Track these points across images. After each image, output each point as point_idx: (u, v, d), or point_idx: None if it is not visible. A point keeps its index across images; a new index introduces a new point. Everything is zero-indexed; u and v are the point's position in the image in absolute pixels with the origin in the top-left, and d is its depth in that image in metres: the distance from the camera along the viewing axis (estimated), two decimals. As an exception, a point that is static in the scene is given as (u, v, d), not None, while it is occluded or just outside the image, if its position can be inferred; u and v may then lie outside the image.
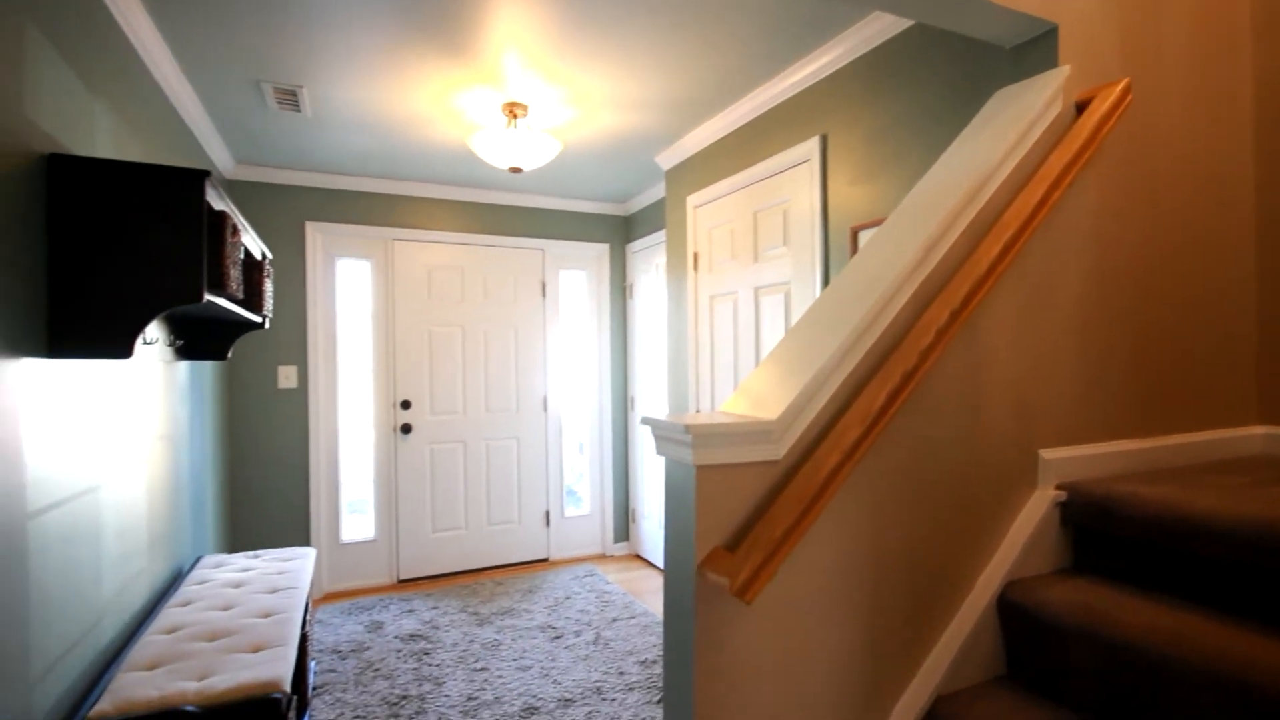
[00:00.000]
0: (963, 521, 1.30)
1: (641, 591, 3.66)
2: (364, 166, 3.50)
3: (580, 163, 3.45)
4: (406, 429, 3.85)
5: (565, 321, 4.35)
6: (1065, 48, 1.42)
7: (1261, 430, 1.72)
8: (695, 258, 3.12)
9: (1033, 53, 1.48)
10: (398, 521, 3.84)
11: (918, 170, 1.93)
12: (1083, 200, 1.44)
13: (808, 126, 2.39)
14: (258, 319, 2.12)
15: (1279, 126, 1.69)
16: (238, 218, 1.74)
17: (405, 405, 3.85)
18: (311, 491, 3.63)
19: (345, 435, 3.79)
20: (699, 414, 1.15)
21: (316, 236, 3.65)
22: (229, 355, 2.36)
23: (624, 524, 4.44)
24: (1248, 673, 0.94)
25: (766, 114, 2.61)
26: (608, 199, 4.27)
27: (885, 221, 1.38)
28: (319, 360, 3.65)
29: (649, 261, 4.13)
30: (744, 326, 2.76)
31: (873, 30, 2.04)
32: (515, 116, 2.64)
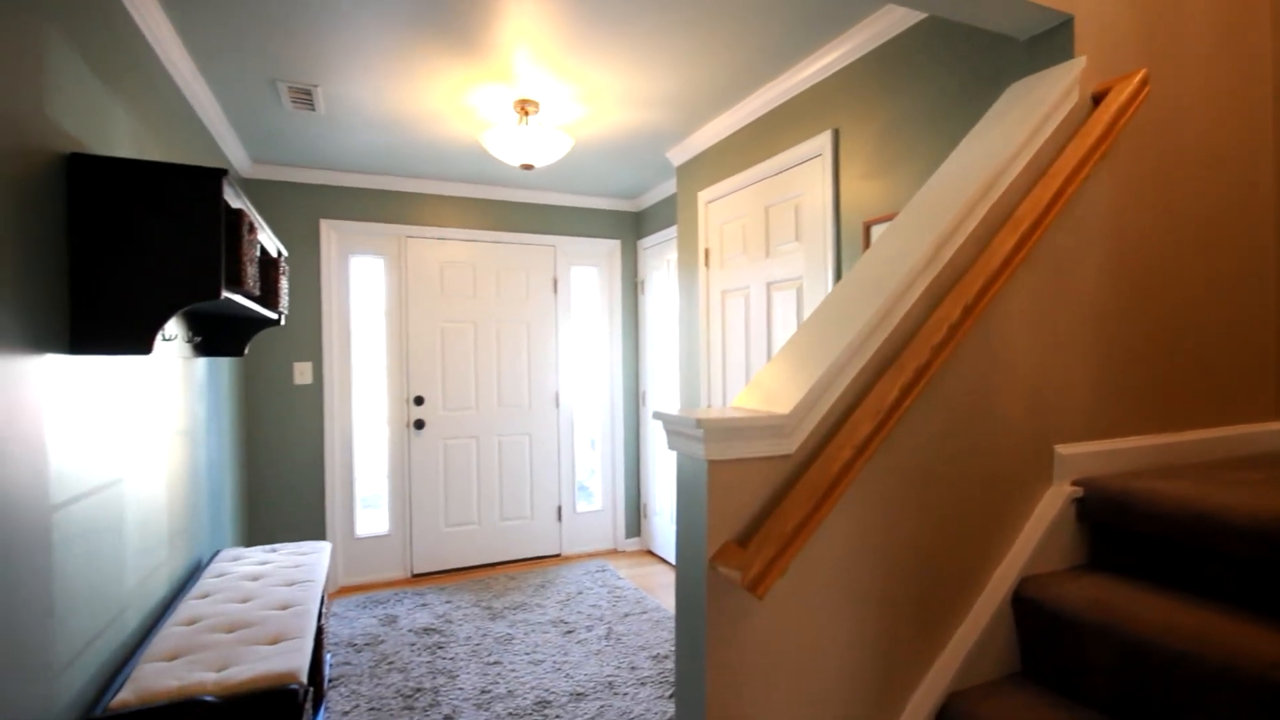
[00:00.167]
0: (976, 517, 1.29)
1: (653, 587, 3.67)
2: (377, 164, 3.53)
3: (591, 159, 3.45)
4: (420, 424, 3.88)
5: (577, 318, 4.36)
6: (1081, 38, 1.40)
7: (1283, 426, 1.70)
8: (707, 253, 3.12)
9: (1048, 44, 1.47)
10: (411, 516, 3.87)
11: (931, 164, 1.92)
12: (1099, 193, 1.42)
13: (819, 121, 2.37)
14: (274, 316, 2.15)
15: (1302, 117, 1.66)
16: (254, 216, 1.76)
17: (418, 401, 3.88)
18: (326, 486, 3.67)
19: (359, 431, 3.83)
20: (711, 409, 1.15)
21: (331, 234, 3.68)
22: (246, 351, 2.39)
23: (636, 519, 4.45)
24: (1269, 671, 0.93)
25: (778, 109, 2.59)
26: (619, 195, 4.27)
27: (898, 216, 1.37)
28: (333, 356, 3.69)
29: (660, 257, 4.12)
30: (756, 322, 2.75)
31: (885, 24, 2.03)
32: (527, 113, 2.64)
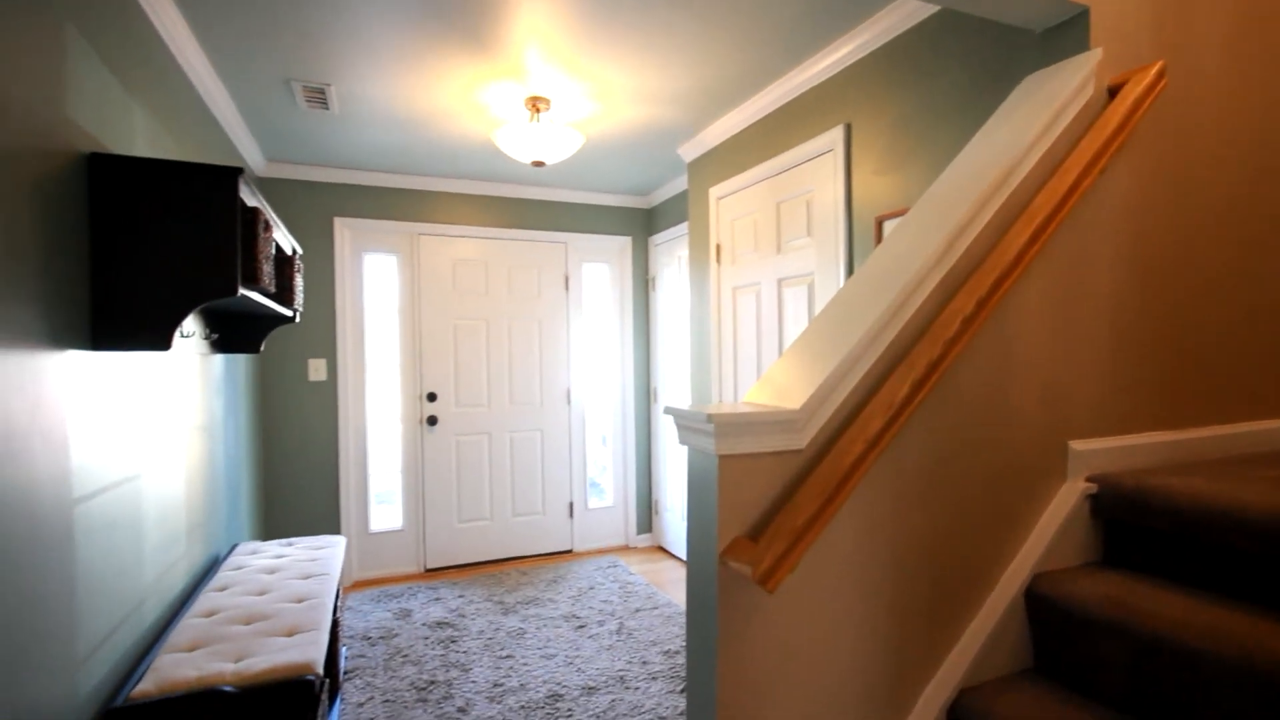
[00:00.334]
0: (989, 513, 1.29)
1: (664, 583, 3.68)
2: (390, 162, 3.55)
3: (602, 156, 3.46)
4: (433, 421, 3.91)
5: (588, 314, 4.37)
6: (1097, 30, 1.39)
7: (1304, 423, 1.67)
8: (718, 250, 3.11)
9: (1063, 36, 1.45)
10: (424, 512, 3.91)
11: (944, 159, 1.90)
12: (1115, 187, 1.40)
13: (831, 116, 2.36)
14: (289, 313, 2.17)
15: (1325, 108, 1.63)
16: (269, 214, 1.78)
17: (431, 398, 3.91)
18: (341, 482, 3.71)
19: (373, 427, 3.86)
20: (722, 404, 1.15)
21: (344, 232, 3.72)
22: (262, 348, 2.42)
23: (647, 516, 4.46)
24: (1285, 668, 0.92)
25: (789, 104, 2.58)
26: (630, 192, 4.27)
27: (910, 210, 1.36)
28: (347, 353, 3.72)
29: (671, 254, 4.12)
30: (767, 318, 2.75)
31: (897, 17, 2.01)
32: (538, 110, 2.65)
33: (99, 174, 1.37)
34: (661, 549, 4.35)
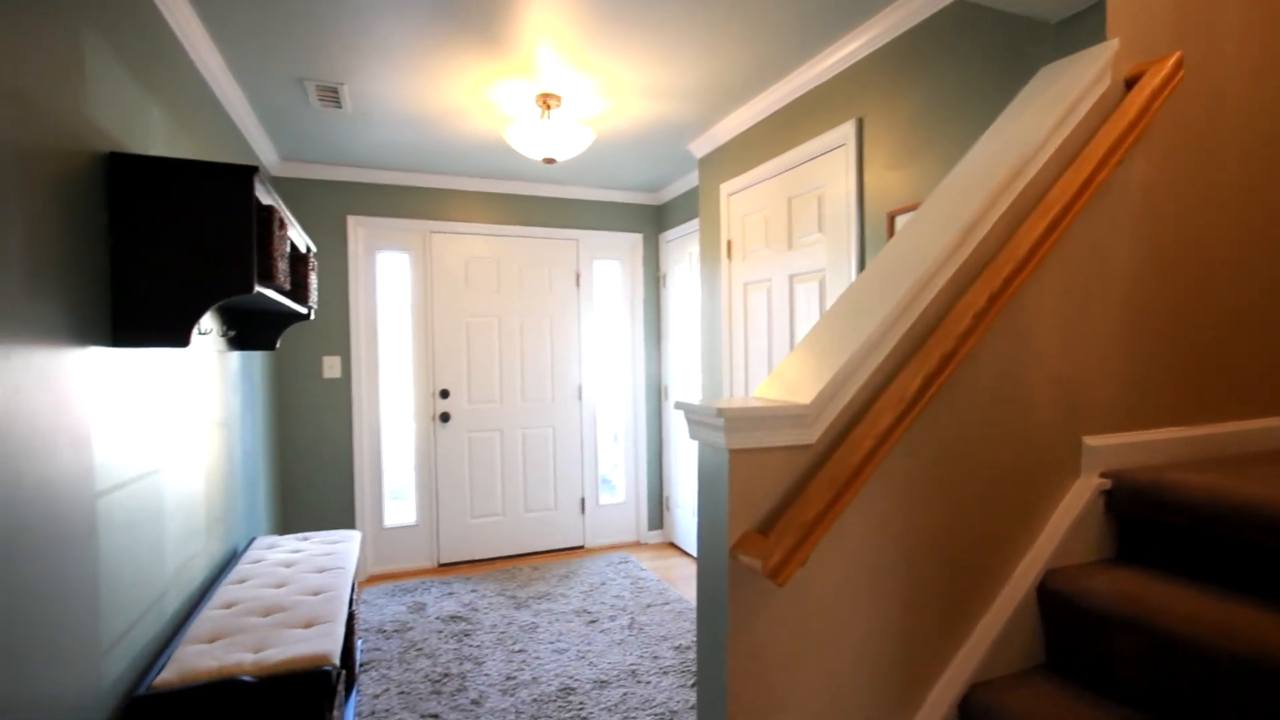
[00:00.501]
0: (1001, 508, 1.28)
1: (676, 579, 3.69)
2: (402, 161, 3.58)
3: (613, 152, 3.46)
4: (445, 418, 3.94)
5: (599, 311, 4.38)
6: (1113, 21, 1.37)
7: (1325, 418, 1.65)
8: (729, 246, 3.11)
9: (1079, 27, 1.43)
10: (438, 507, 3.94)
11: (957, 152, 1.89)
12: (1132, 180, 1.39)
13: (843, 110, 2.35)
14: (304, 310, 2.20)
15: (1349, 97, 1.60)
16: (284, 212, 1.81)
17: (444, 394, 3.94)
18: (355, 477, 3.75)
19: (387, 423, 3.90)
20: (732, 399, 1.16)
21: (358, 230, 3.75)
22: (277, 345, 2.46)
23: (658, 512, 4.47)
24: (1302, 665, 0.91)
25: (801, 99, 2.57)
26: (641, 188, 4.27)
27: (922, 204, 1.36)
28: (361, 350, 3.76)
29: (682, 250, 4.12)
30: (778, 314, 2.74)
31: (910, 10, 1.99)
32: (549, 107, 2.66)
33: (118, 173, 1.40)
34: (673, 545, 4.35)
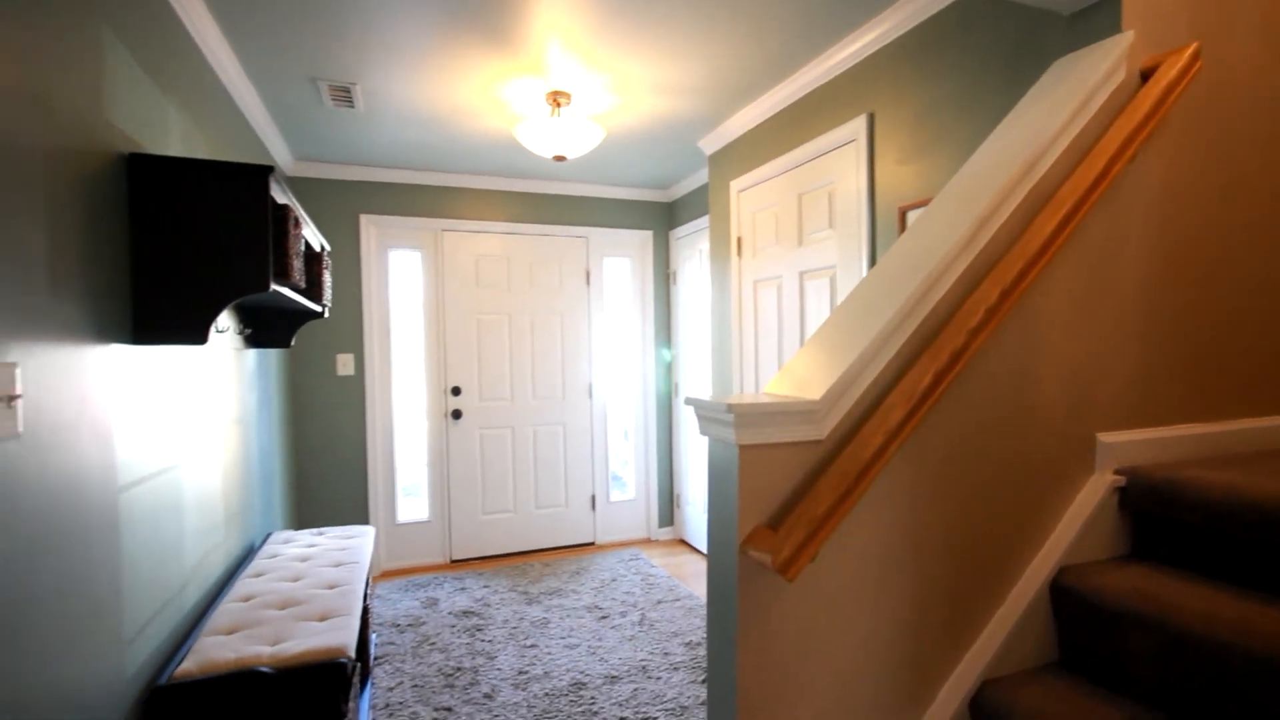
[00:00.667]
0: (1013, 504, 1.28)
1: (686, 575, 3.70)
2: (414, 160, 3.60)
3: (623, 149, 3.46)
4: (457, 415, 3.97)
5: (609, 309, 4.39)
6: (1128, 12, 1.35)
7: (1346, 414, 1.62)
8: (739, 243, 3.10)
9: (1093, 19, 1.42)
10: (450, 504, 3.97)
11: (969, 147, 1.87)
12: (1147, 173, 1.37)
13: (854, 105, 2.34)
14: (318, 308, 2.22)
15: (1371, 88, 1.57)
16: (299, 211, 1.83)
17: (456, 392, 3.97)
18: (369, 474, 3.79)
19: (399, 420, 3.94)
20: (742, 394, 1.16)
21: (370, 228, 3.78)
22: (292, 343, 2.49)
23: (668, 509, 4.48)
24: (1319, 662, 0.90)
25: (811, 94, 2.56)
26: (651, 185, 4.28)
27: (934, 200, 1.35)
28: (374, 348, 3.79)
29: (692, 247, 4.12)
30: (788, 311, 2.74)
31: (921, 3, 1.98)
32: (559, 105, 2.67)
33: (137, 174, 1.42)
34: (683, 542, 4.36)
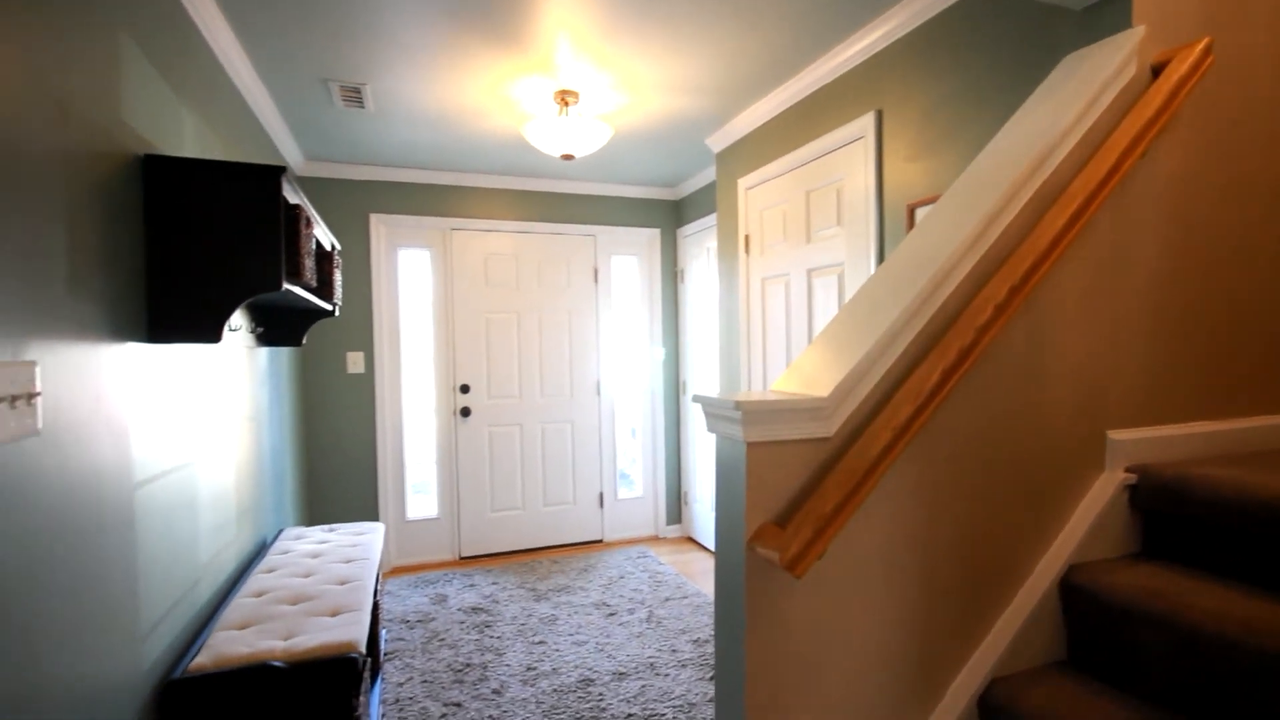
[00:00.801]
0: (1022, 502, 1.27)
1: (694, 573, 3.70)
2: (423, 159, 3.62)
3: (631, 148, 3.47)
4: (466, 412, 3.99)
5: (617, 307, 4.40)
6: (1139, 7, 1.34)
7: (1361, 412, 1.61)
8: (746, 240, 3.10)
9: (1104, 14, 1.41)
10: (459, 501, 3.99)
11: (979, 143, 1.87)
12: (1158, 169, 1.36)
13: (862, 102, 2.33)
14: (329, 307, 2.24)
15: (1388, 82, 1.55)
16: (310, 211, 1.85)
17: (464, 389, 3.99)
18: (379, 471, 3.82)
19: (409, 418, 3.96)
20: (750, 392, 1.16)
21: (380, 228, 3.81)
22: (304, 342, 2.51)
23: (676, 507, 4.48)
24: (1331, 661, 0.89)
25: (819, 91, 2.55)
26: (658, 184, 4.28)
27: (943, 196, 1.35)
28: (384, 346, 3.82)
29: (700, 245, 4.12)
30: (796, 309, 2.73)
31: (931, -1, 1.97)
32: (567, 104, 2.67)
33: (153, 174, 1.44)
34: (691, 540, 4.37)
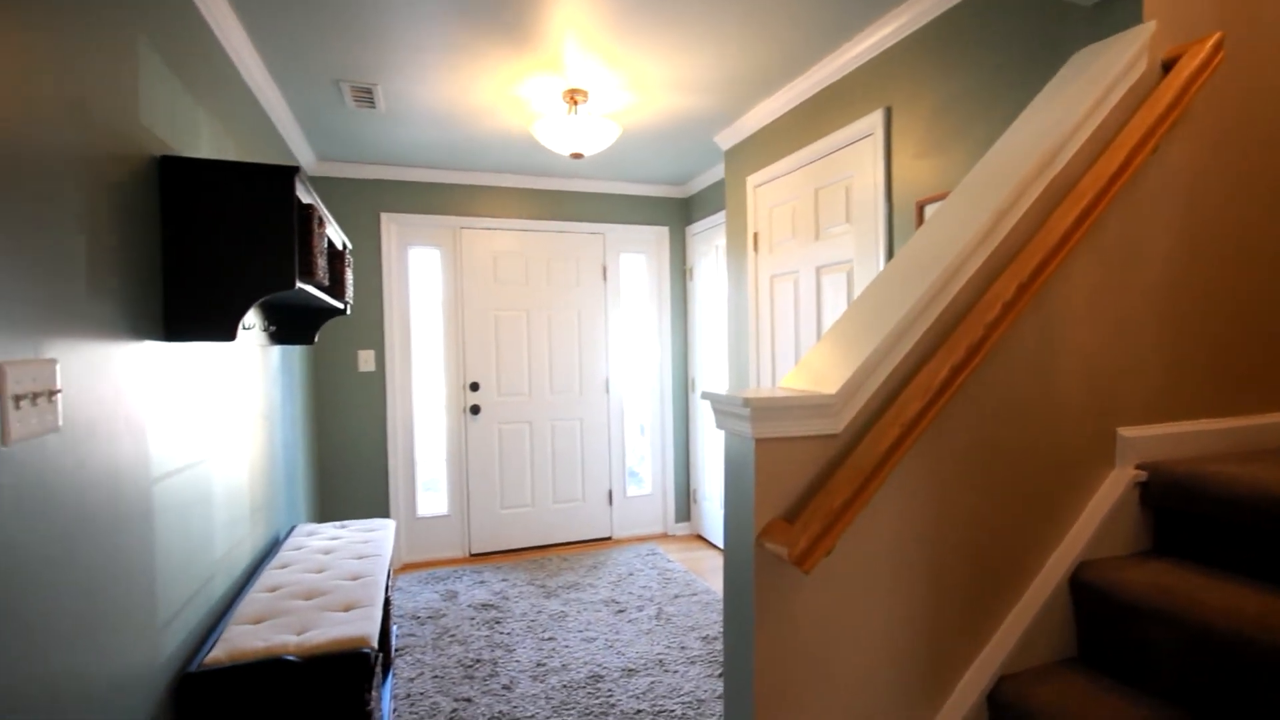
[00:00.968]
0: (1032, 499, 1.27)
1: (703, 570, 3.71)
2: (434, 158, 3.65)
3: (639, 146, 3.47)
4: (476, 410, 4.01)
5: (626, 305, 4.41)
6: (1150, 2, 1.34)
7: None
8: (755, 238, 3.10)
9: (1114, 10, 1.40)
10: (469, 498, 4.02)
11: (988, 140, 1.86)
12: (1168, 165, 1.36)
13: (871, 99, 2.32)
14: (341, 305, 2.26)
15: (1405, 76, 1.53)
16: (323, 210, 1.87)
17: (474, 387, 4.01)
18: (389, 468, 3.85)
19: (419, 415, 3.99)
20: (759, 388, 1.17)
21: (390, 227, 3.83)
22: (315, 340, 2.53)
23: (685, 505, 4.49)
24: (1343, 658, 0.89)
25: (828, 89, 2.55)
26: (667, 182, 4.28)
27: (952, 193, 1.35)
28: (394, 344, 3.85)
29: (709, 243, 4.12)
30: (805, 306, 2.73)
31: (940, -5, 1.97)
32: (576, 103, 2.68)
33: (169, 175, 1.46)
34: (700, 537, 4.37)
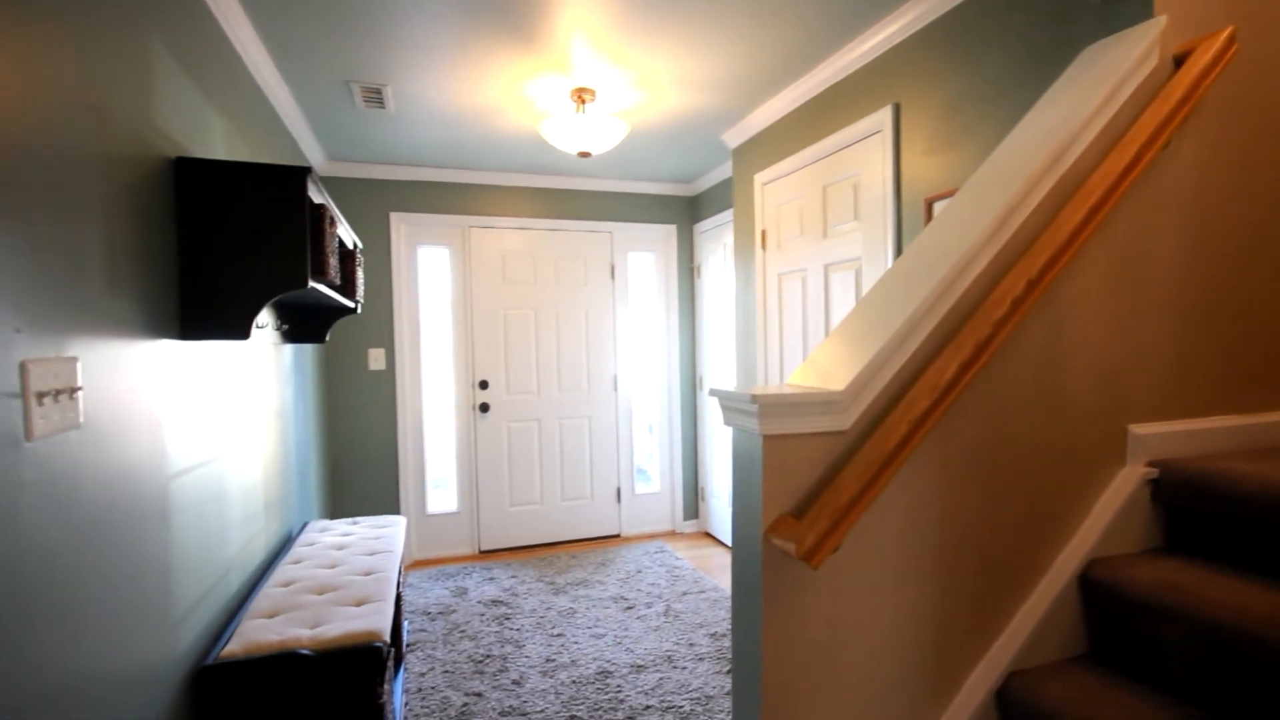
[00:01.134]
0: (1041, 496, 1.27)
1: (711, 568, 3.72)
2: (442, 158, 3.67)
3: (647, 144, 3.48)
4: (485, 408, 4.04)
5: (634, 303, 4.42)
6: (1162, -3, 1.33)
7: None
8: (763, 236, 3.10)
9: (1125, 5, 1.39)
10: (478, 496, 4.05)
11: (998, 136, 1.85)
12: (1180, 161, 1.35)
13: (879, 96, 2.32)
14: (351, 304, 2.29)
15: None
16: (334, 210, 1.89)
17: (483, 385, 4.03)
18: (400, 465, 3.88)
19: (429, 413, 4.02)
20: (766, 386, 1.18)
21: (400, 226, 3.86)
22: (327, 339, 2.56)
23: (693, 502, 4.50)
24: (1355, 655, 0.89)
25: (836, 86, 2.55)
26: (675, 180, 4.28)
27: (960, 189, 1.35)
28: (404, 343, 3.88)
29: (717, 241, 4.12)
30: (813, 304, 2.73)
31: (949, -9, 1.96)
32: (583, 102, 2.69)
33: (184, 176, 1.48)
34: (708, 535, 4.38)
